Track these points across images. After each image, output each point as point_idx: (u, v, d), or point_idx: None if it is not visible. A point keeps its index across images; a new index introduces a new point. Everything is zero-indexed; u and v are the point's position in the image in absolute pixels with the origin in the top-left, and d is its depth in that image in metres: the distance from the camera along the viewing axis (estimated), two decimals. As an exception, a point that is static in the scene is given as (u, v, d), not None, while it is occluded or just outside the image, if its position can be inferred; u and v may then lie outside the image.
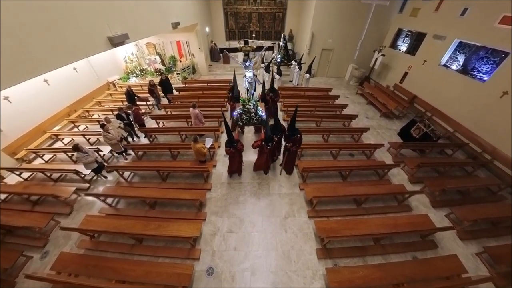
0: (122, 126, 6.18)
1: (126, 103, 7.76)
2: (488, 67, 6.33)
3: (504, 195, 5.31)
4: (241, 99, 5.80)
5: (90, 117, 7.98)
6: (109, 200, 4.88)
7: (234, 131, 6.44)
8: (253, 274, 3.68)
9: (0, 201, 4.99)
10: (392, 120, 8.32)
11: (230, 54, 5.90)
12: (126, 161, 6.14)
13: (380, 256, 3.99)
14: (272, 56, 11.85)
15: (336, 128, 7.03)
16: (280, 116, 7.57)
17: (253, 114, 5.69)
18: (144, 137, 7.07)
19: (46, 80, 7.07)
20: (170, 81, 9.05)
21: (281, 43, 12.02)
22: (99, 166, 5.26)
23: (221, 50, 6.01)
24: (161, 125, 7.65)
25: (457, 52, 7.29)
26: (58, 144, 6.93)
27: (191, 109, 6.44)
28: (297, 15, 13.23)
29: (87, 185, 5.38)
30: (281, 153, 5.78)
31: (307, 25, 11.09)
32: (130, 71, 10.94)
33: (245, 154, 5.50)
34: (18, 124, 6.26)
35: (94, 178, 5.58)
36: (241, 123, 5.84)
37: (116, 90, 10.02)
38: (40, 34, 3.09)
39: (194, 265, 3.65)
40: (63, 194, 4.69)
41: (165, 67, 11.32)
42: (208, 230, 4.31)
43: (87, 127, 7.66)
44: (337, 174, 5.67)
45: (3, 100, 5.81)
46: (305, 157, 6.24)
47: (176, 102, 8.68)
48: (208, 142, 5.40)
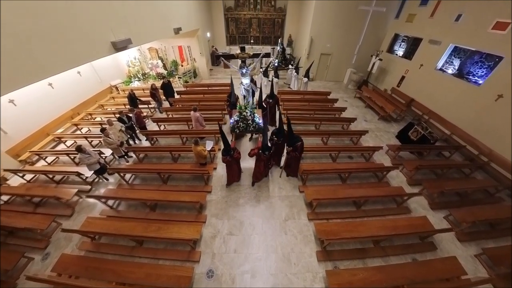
0: (123, 129, 6.18)
1: (128, 106, 7.79)
2: (483, 71, 6.38)
3: (502, 197, 5.29)
4: (237, 106, 5.67)
5: (92, 120, 8.00)
6: (110, 202, 4.86)
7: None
8: (253, 276, 3.63)
9: (3, 202, 4.97)
10: (390, 123, 8.34)
11: (226, 61, 5.81)
12: (127, 164, 6.13)
13: (380, 258, 3.95)
14: (269, 60, 11.94)
15: (335, 131, 7.06)
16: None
17: (250, 121, 5.56)
18: (146, 140, 7.08)
19: (50, 84, 7.13)
20: (172, 85, 9.10)
21: (278, 47, 12.15)
22: (102, 167, 5.25)
23: (217, 57, 5.95)
24: (162, 128, 7.67)
25: (453, 57, 7.37)
26: (61, 147, 6.94)
27: (192, 112, 6.47)
28: (296, 21, 13.39)
29: (88, 187, 5.36)
30: (282, 157, 5.71)
31: (306, 30, 11.22)
32: (132, 75, 11.02)
33: (243, 161, 5.38)
34: (23, 127, 6.28)
35: (96, 180, 5.57)
36: (238, 131, 5.68)
37: (119, 93, 10.07)
38: (45, 39, 3.13)
39: (194, 267, 3.61)
40: (65, 196, 4.68)
41: (167, 71, 11.40)
42: (208, 233, 4.28)
43: (89, 129, 7.68)
44: (337, 176, 5.66)
45: (8, 103, 5.84)
46: (304, 160, 6.23)
47: (177, 106, 8.72)
48: (209, 145, 5.40)
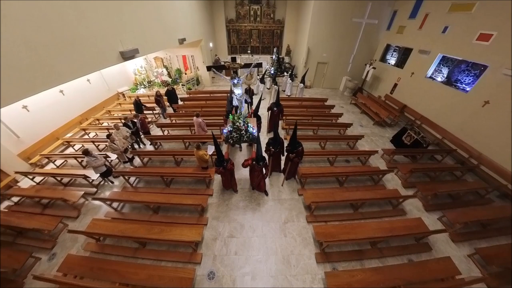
0: (128, 134, 6.20)
1: (133, 112, 7.87)
2: (470, 79, 6.53)
3: (492, 198, 5.32)
4: (230, 116, 5.45)
5: (100, 125, 8.09)
6: (114, 204, 4.86)
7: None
8: (253, 278, 3.59)
9: (13, 203, 5.00)
10: (384, 128, 8.41)
11: (217, 72, 5.46)
12: (132, 167, 6.14)
13: (377, 259, 3.92)
14: (265, 68, 12.11)
15: (332, 136, 7.10)
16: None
17: (244, 131, 5.38)
18: (150, 144, 7.12)
19: (62, 91, 7.28)
20: (176, 92, 9.21)
21: (274, 56, 12.43)
22: (108, 170, 5.28)
23: (208, 68, 5.60)
24: (166, 133, 7.73)
25: (441, 65, 7.54)
26: (69, 150, 6.99)
27: (194, 118, 6.53)
28: (294, 31, 13.73)
29: (94, 189, 5.37)
30: (282, 165, 5.60)
31: (303, 40, 11.48)
32: (138, 83, 11.20)
33: (238, 170, 5.27)
34: (34, 131, 6.37)
35: (102, 183, 5.58)
36: (232, 141, 5.51)
37: (125, 100, 10.21)
38: (60, 48, 3.24)
39: (195, 269, 3.57)
40: (72, 198, 4.70)
41: (171, 79, 11.58)
42: (210, 235, 4.25)
43: (96, 134, 7.75)
44: (334, 180, 5.66)
45: (22, 109, 5.96)
46: (303, 164, 6.24)
47: (181, 111, 8.82)
48: (210, 149, 5.44)
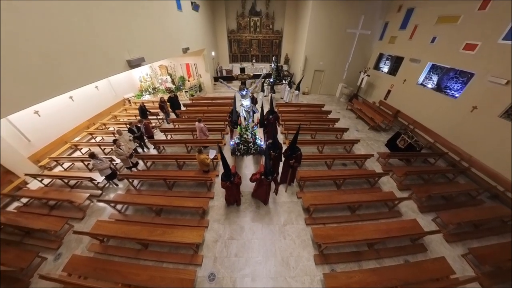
0: (131, 138, 6.22)
1: (139, 117, 7.94)
2: (458, 86, 6.66)
3: (483, 199, 5.33)
4: (238, 128, 5.18)
5: (106, 130, 8.14)
6: (118, 206, 4.85)
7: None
8: (253, 280, 3.55)
9: (22, 204, 5.02)
10: (379, 133, 8.46)
11: (225, 82, 5.25)
12: (135, 170, 6.14)
13: (374, 260, 3.89)
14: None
15: (330, 140, 7.13)
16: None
17: (251, 144, 5.11)
18: (153, 148, 7.15)
19: (71, 97, 7.39)
20: (178, 99, 9.25)
21: (272, 65, 12.64)
22: (113, 173, 5.29)
23: (216, 79, 5.37)
24: (169, 137, 7.76)
25: (431, 73, 7.70)
26: (77, 154, 7.02)
27: (196, 123, 6.58)
28: (292, 41, 14.03)
29: (99, 192, 5.37)
30: (279, 171, 5.31)
31: (301, 50, 11.73)
32: (144, 89, 11.35)
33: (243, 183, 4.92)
34: (44, 135, 6.44)
35: (107, 185, 5.58)
36: (239, 154, 5.23)
37: (131, 105, 10.31)
38: (71, 57, 3.33)
39: (196, 270, 3.54)
40: (78, 200, 4.70)
41: (174, 86, 11.74)
42: (211, 237, 4.22)
43: (103, 138, 7.80)
44: (332, 183, 5.65)
45: (33, 114, 6.07)
46: (301, 167, 6.24)
47: (184, 117, 8.88)
48: (212, 153, 5.45)
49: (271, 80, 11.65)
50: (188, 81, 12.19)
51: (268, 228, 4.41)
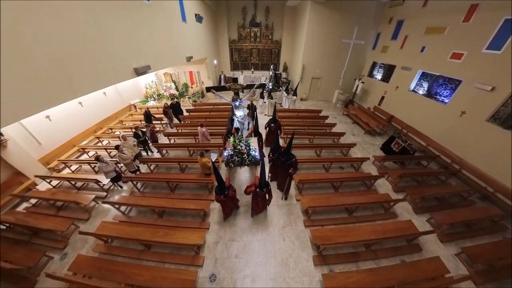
0: (135, 143, 6.23)
1: (143, 122, 8.01)
2: (448, 92, 6.79)
3: (474, 200, 5.35)
4: (231, 139, 4.97)
5: (112, 133, 8.21)
6: (122, 208, 4.84)
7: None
8: (253, 281, 3.51)
9: (31, 205, 5.04)
10: (374, 137, 8.52)
11: (217, 93, 5.03)
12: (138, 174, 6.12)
13: (371, 261, 3.86)
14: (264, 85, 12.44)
15: (327, 144, 7.18)
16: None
17: (246, 155, 4.90)
18: (157, 152, 7.17)
19: (80, 103, 7.51)
20: (180, 106, 9.10)
21: (271, 72, 12.86)
22: (118, 175, 5.30)
23: (208, 89, 5.18)
24: (172, 141, 7.80)
25: (422, 80, 7.86)
26: (84, 156, 7.07)
27: (198, 127, 6.61)
28: (290, 50, 14.34)
29: (104, 193, 5.36)
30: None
31: (298, 58, 11.97)
32: (149, 95, 11.50)
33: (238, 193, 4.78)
34: (54, 139, 6.52)
35: (112, 187, 5.58)
36: (233, 165, 5.00)
37: (136, 111, 10.42)
38: (82, 65, 3.44)
39: (197, 271, 3.51)
40: (84, 201, 4.70)
41: (178, 92, 11.90)
42: (211, 239, 4.19)
43: (109, 142, 7.84)
44: (330, 185, 5.66)
45: (45, 118, 6.20)
46: (300, 171, 6.26)
47: (186, 122, 8.96)
48: (213, 157, 5.47)
49: (269, 86, 11.84)
50: (191, 87, 12.36)
51: (268, 230, 4.38)
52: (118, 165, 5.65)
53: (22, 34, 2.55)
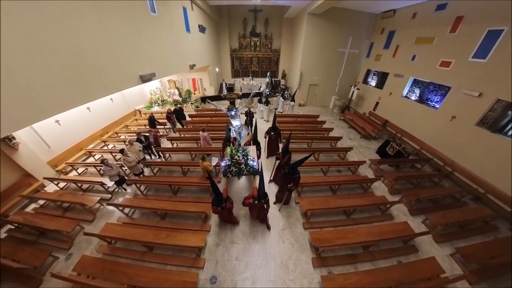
0: (141, 148, 6.25)
1: (148, 127, 8.08)
2: (438, 98, 6.91)
3: (466, 201, 5.36)
4: (228, 149, 4.81)
5: (118, 138, 8.27)
6: (126, 210, 4.83)
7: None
8: (253, 283, 3.47)
9: (39, 206, 5.05)
10: (370, 141, 8.58)
11: (213, 103, 4.85)
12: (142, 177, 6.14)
13: (369, 262, 3.83)
14: (261, 91, 12.59)
15: (325, 148, 7.20)
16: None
17: (243, 165, 4.71)
18: (158, 158, 7.19)
19: (88, 108, 7.61)
20: (183, 111, 9.22)
21: (268, 79, 13.08)
22: (121, 179, 5.31)
23: (203, 99, 5.01)
24: (175, 145, 7.85)
25: (414, 86, 8.01)
26: (90, 160, 7.10)
27: (200, 132, 6.67)
28: (288, 59, 14.64)
29: (109, 196, 5.37)
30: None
31: (296, 66, 12.21)
32: (153, 101, 11.64)
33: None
34: (63, 142, 6.60)
35: (116, 190, 5.59)
36: (230, 176, 4.81)
37: (141, 116, 10.52)
38: (91, 73, 3.54)
39: (198, 273, 3.48)
40: (89, 203, 4.70)
41: (181, 98, 12.05)
42: (212, 241, 4.16)
43: (114, 146, 7.89)
44: (328, 188, 5.65)
45: (54, 123, 6.30)
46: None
47: (189, 127, 9.03)
48: (214, 160, 5.48)
49: (266, 92, 12.02)
50: (194, 94, 12.54)
51: (268, 233, 4.35)
52: (122, 168, 5.67)
53: (44, 44, 2.68)
